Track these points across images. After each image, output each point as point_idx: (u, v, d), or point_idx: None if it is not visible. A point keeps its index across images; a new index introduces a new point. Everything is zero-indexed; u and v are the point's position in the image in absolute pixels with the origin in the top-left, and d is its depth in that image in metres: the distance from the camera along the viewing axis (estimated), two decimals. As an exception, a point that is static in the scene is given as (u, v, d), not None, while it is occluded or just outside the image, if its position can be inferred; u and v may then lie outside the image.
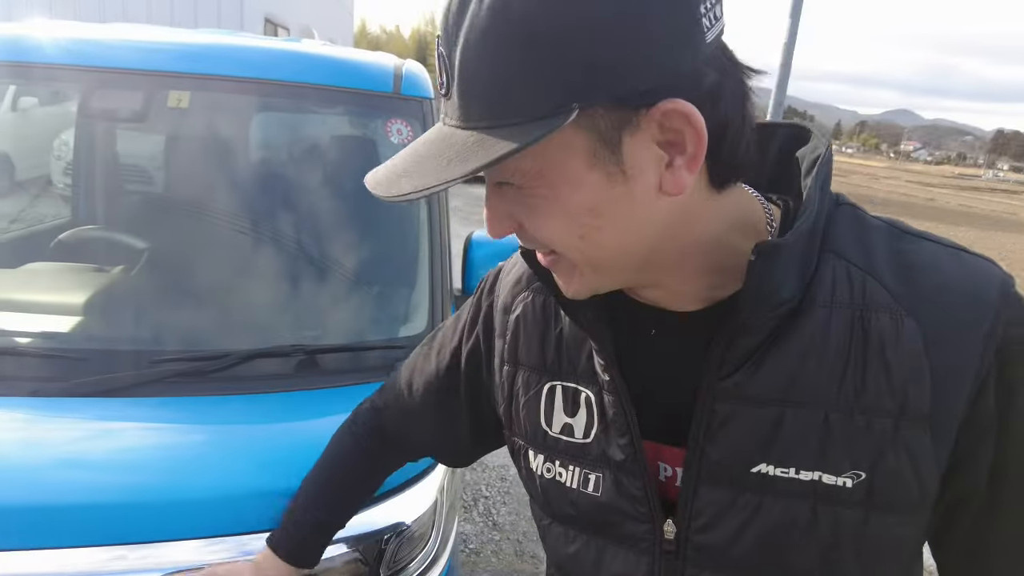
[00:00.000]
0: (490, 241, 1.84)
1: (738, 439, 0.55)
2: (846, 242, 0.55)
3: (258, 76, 1.60)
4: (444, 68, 0.49)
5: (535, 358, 0.68)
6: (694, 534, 0.58)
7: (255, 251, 1.55)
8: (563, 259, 0.55)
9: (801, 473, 0.54)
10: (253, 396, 1.22)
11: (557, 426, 0.66)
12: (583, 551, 0.66)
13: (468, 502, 3.06)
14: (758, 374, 0.54)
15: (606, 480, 0.63)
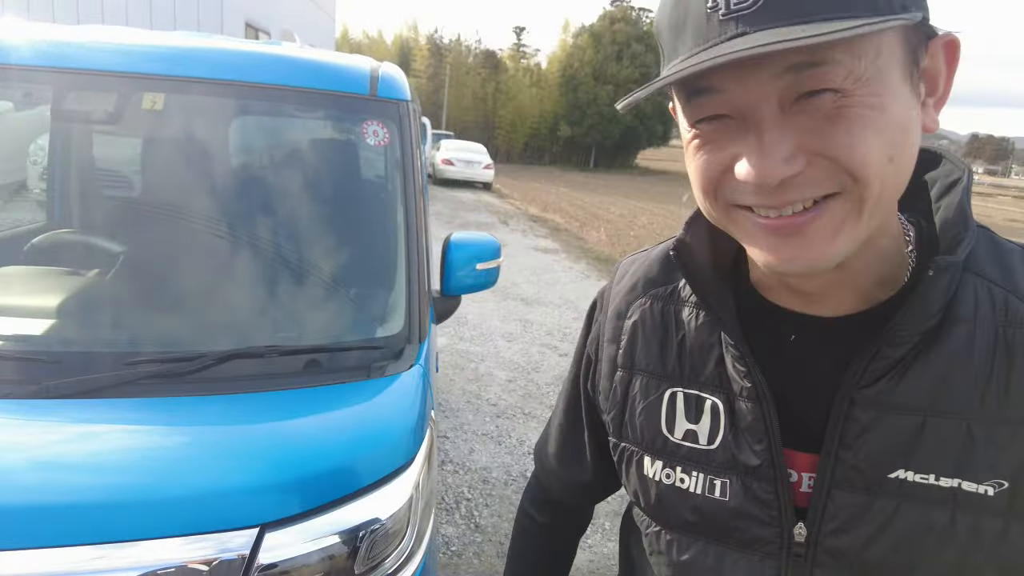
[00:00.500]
0: (468, 243, 1.85)
1: (877, 445, 0.56)
2: (986, 263, 0.57)
3: (234, 78, 1.61)
4: None
5: (654, 364, 0.68)
6: (826, 537, 0.59)
7: (231, 253, 1.55)
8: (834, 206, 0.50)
9: (941, 480, 0.55)
10: (229, 396, 1.22)
11: (679, 432, 0.66)
12: (699, 558, 0.66)
13: (450, 504, 3.06)
14: (902, 383, 0.55)
15: (734, 485, 0.63)
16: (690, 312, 0.67)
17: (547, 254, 9.87)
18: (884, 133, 0.48)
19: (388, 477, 1.13)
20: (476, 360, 4.97)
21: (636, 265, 0.75)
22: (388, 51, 39.14)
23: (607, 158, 39.61)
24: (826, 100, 0.47)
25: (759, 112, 0.49)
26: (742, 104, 0.49)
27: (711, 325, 0.65)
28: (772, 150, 0.48)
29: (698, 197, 0.58)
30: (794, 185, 0.49)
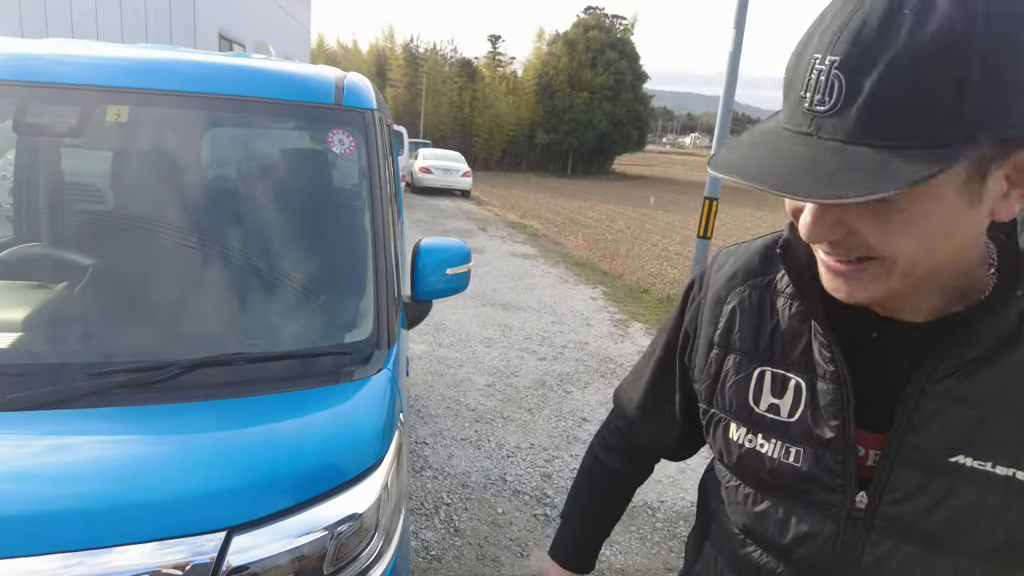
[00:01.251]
0: (438, 248, 1.88)
1: (940, 432, 0.64)
2: None
3: (199, 90, 1.62)
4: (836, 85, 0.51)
5: (748, 345, 0.77)
6: (885, 506, 0.67)
7: (199, 263, 1.56)
8: (873, 266, 0.59)
9: (997, 468, 0.62)
10: (198, 404, 1.23)
11: (764, 405, 0.76)
12: (770, 511, 0.76)
13: (429, 510, 3.07)
14: (970, 381, 0.62)
15: (807, 454, 0.72)
16: (784, 302, 0.75)
17: (526, 259, 9.91)
18: (917, 235, 0.55)
19: (356, 478, 1.15)
20: (455, 366, 4.99)
21: (737, 256, 0.83)
22: (364, 61, 39.07)
23: (584, 164, 39.85)
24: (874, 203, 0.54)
25: None
26: None
27: (802, 315, 0.73)
28: (819, 216, 0.58)
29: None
30: (837, 244, 0.59)
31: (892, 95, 0.49)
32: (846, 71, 0.51)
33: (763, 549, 0.78)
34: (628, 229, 14.63)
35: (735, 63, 6.73)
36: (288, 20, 17.38)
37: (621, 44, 38.90)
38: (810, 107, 0.54)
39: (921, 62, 0.48)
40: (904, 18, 0.49)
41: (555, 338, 5.95)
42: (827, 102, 0.52)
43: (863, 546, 0.69)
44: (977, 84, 0.48)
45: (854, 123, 0.51)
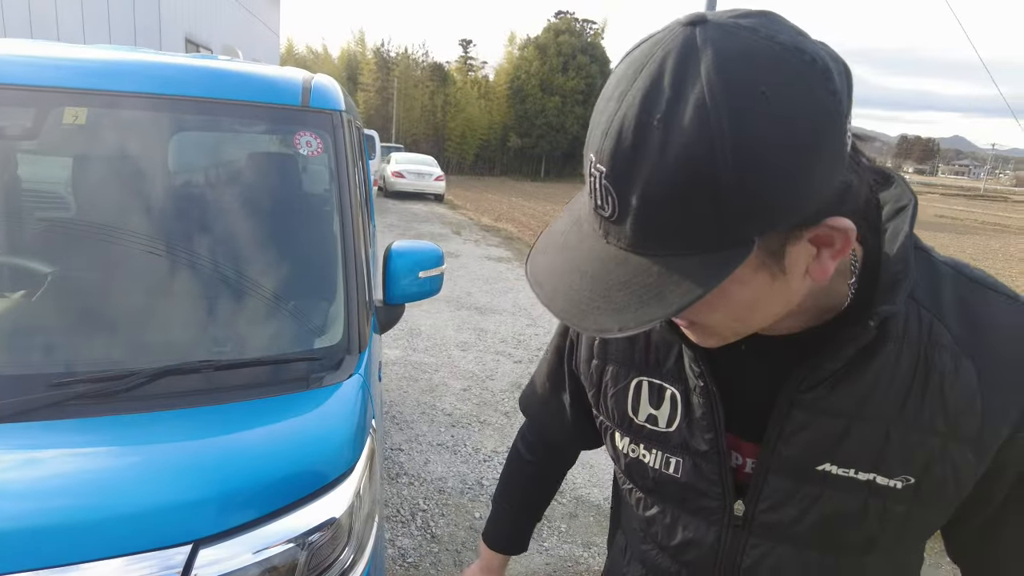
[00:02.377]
0: (410, 251, 1.86)
1: (809, 442, 0.66)
2: (919, 287, 0.64)
3: (164, 92, 1.58)
4: (609, 196, 0.51)
5: (624, 355, 0.79)
6: (760, 513, 0.71)
7: (163, 269, 1.52)
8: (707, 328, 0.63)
9: (859, 474, 0.65)
10: (164, 413, 1.20)
11: (643, 415, 0.77)
12: (659, 516, 0.80)
13: (406, 516, 3.04)
14: (834, 392, 0.64)
15: (685, 464, 0.74)
16: None
17: (500, 263, 9.90)
18: (726, 310, 0.58)
19: (327, 486, 1.12)
20: (430, 371, 4.95)
21: None
22: (335, 65, 38.77)
23: (557, 167, 40.04)
24: None
25: None
26: None
27: (672, 326, 0.72)
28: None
29: None
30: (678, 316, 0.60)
31: (655, 210, 0.49)
32: (613, 184, 0.50)
33: (658, 549, 0.82)
34: (601, 231, 14.70)
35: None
36: (257, 24, 17.17)
37: (591, 48, 39.18)
38: (596, 209, 0.53)
39: (674, 179, 0.47)
40: (654, 131, 0.47)
41: (531, 340, 5.94)
42: (607, 209, 0.52)
43: (744, 549, 0.73)
44: (731, 194, 0.46)
45: (630, 236, 0.51)
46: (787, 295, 0.58)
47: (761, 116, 0.45)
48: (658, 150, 0.47)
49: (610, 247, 0.54)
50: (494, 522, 1.12)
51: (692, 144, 0.46)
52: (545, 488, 1.11)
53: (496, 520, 1.12)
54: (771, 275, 0.54)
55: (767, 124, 0.45)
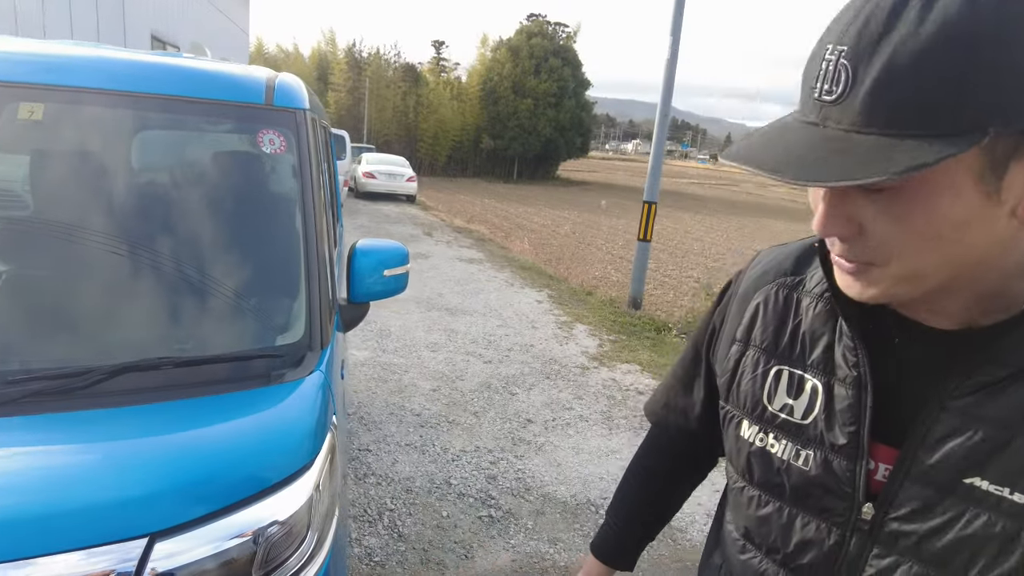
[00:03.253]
0: (374, 249, 1.87)
1: (957, 451, 0.61)
2: None
3: (125, 88, 1.57)
4: (843, 73, 0.52)
5: (768, 342, 0.77)
6: (891, 520, 0.65)
7: (123, 267, 1.51)
8: (873, 271, 0.59)
9: (1015, 495, 0.59)
10: (123, 409, 1.20)
11: (778, 404, 0.74)
12: (774, 515, 0.75)
13: (373, 516, 3.04)
14: (996, 400, 0.59)
15: (817, 458, 0.70)
16: (810, 302, 0.74)
17: (472, 264, 9.91)
18: (925, 229, 0.54)
19: (287, 480, 1.14)
20: (399, 372, 4.95)
21: (772, 256, 0.82)
22: (305, 65, 38.33)
23: (530, 170, 40.13)
24: (882, 195, 0.54)
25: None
26: None
27: (827, 315, 0.72)
28: (830, 212, 0.58)
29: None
30: (845, 243, 0.59)
31: (894, 84, 0.49)
32: (851, 60, 0.51)
33: (763, 555, 0.77)
34: (573, 233, 14.80)
35: (672, 70, 6.91)
36: (225, 22, 16.92)
37: (564, 51, 39.37)
38: (819, 97, 0.54)
39: (924, 52, 0.48)
40: (911, 8, 0.49)
41: (501, 341, 5.97)
42: (834, 91, 0.53)
43: (866, 559, 0.67)
44: (982, 75, 0.47)
45: (858, 111, 0.51)
46: (987, 233, 0.54)
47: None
48: (914, 23, 0.48)
49: (827, 130, 0.53)
50: (603, 534, 1.07)
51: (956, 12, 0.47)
52: (661, 501, 1.06)
53: (605, 532, 1.07)
54: (986, 194, 0.52)
55: None
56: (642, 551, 1.07)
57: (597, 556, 1.07)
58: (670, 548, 3.01)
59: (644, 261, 7.43)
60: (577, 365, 5.52)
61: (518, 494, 3.36)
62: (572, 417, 4.39)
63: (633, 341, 6.37)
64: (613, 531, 1.06)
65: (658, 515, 1.06)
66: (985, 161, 0.51)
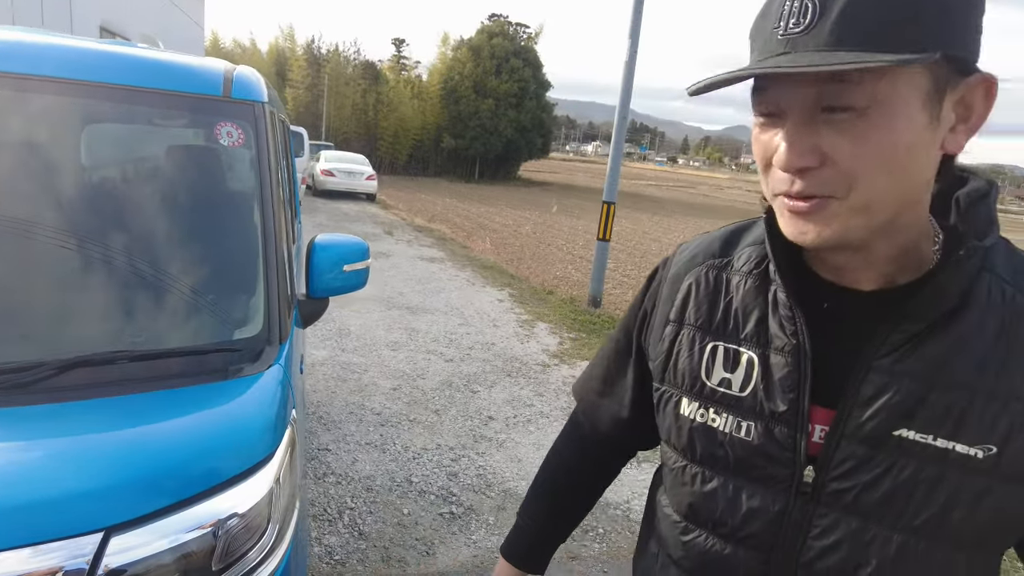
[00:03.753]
0: (334, 244, 1.87)
1: (885, 406, 0.65)
2: (1000, 263, 0.67)
3: (78, 77, 1.53)
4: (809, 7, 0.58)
5: (702, 320, 0.80)
6: (831, 481, 0.68)
7: (77, 261, 1.47)
8: (832, 204, 0.62)
9: (938, 441, 0.64)
10: (77, 403, 1.17)
11: (716, 379, 0.77)
12: (720, 490, 0.76)
13: (333, 515, 3.01)
14: (915, 355, 0.65)
15: (758, 428, 0.73)
16: (740, 279, 0.78)
17: (433, 263, 9.88)
18: (886, 150, 0.59)
19: (246, 472, 1.13)
20: (359, 371, 4.91)
21: (699, 241, 0.87)
22: (263, 60, 37.57)
23: (491, 170, 40.10)
24: (846, 115, 0.59)
25: (792, 112, 0.62)
26: (783, 104, 0.62)
27: (756, 291, 0.76)
28: (796, 143, 0.61)
29: (760, 176, 0.70)
30: (807, 178, 0.62)
31: (860, 10, 0.57)
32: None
33: (708, 532, 0.78)
34: (534, 233, 14.87)
35: (630, 72, 7.01)
36: (179, 15, 16.47)
37: (525, 52, 39.47)
38: (785, 32, 0.60)
39: None
40: None
41: (462, 340, 5.97)
42: (802, 23, 0.59)
43: (810, 520, 0.70)
44: (929, 7, 0.56)
45: (827, 35, 0.57)
46: (927, 163, 0.62)
47: None
48: None
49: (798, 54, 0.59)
50: (514, 535, 1.05)
51: None
52: (579, 499, 1.05)
53: (517, 533, 1.05)
54: (930, 120, 0.59)
55: None
56: (554, 553, 1.05)
57: (508, 559, 1.04)
58: (629, 541, 3.06)
59: (603, 260, 7.52)
60: (538, 363, 5.56)
61: (479, 490, 3.37)
62: (533, 414, 4.42)
63: (593, 339, 6.44)
64: (526, 533, 1.04)
65: (572, 514, 1.05)
66: (931, 84, 0.58)
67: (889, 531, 0.66)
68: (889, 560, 0.66)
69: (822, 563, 0.69)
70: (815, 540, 0.70)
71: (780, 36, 0.60)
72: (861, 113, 0.58)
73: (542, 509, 1.04)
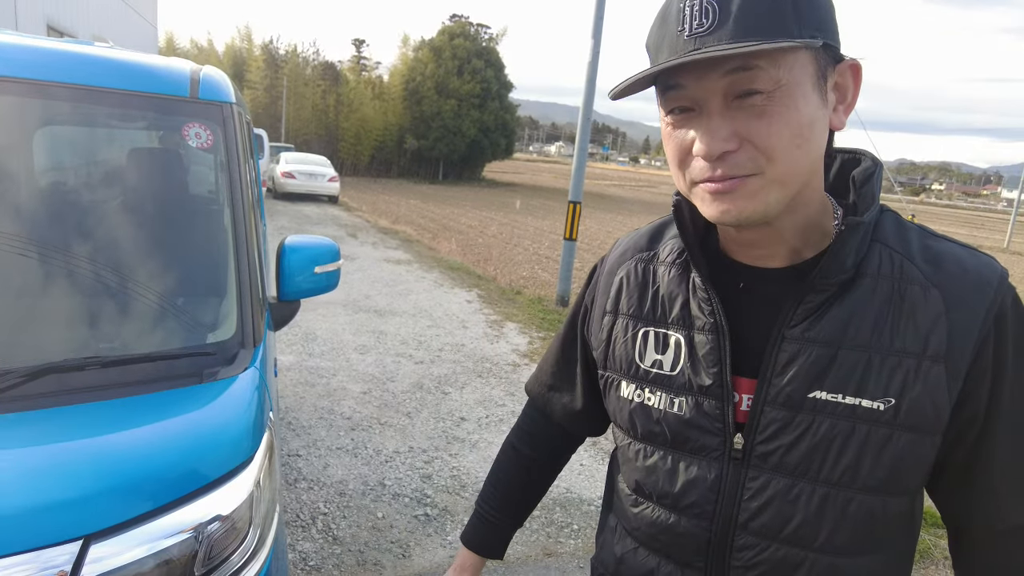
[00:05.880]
0: (304, 246, 1.85)
1: (799, 372, 0.73)
2: (889, 235, 0.75)
3: (40, 78, 1.49)
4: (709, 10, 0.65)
5: (634, 309, 0.87)
6: (758, 445, 0.75)
7: (47, 267, 1.43)
8: (752, 181, 0.68)
9: (846, 398, 0.72)
10: (49, 411, 1.14)
11: (649, 361, 0.84)
12: (660, 463, 0.83)
13: (306, 521, 2.98)
14: (820, 323, 0.72)
15: (688, 403, 0.80)
16: (665, 269, 0.86)
17: (399, 265, 9.82)
18: (793, 126, 0.66)
19: (227, 476, 1.12)
20: (327, 375, 4.85)
21: (628, 238, 0.95)
22: (220, 61, 36.78)
23: (455, 170, 39.99)
24: (756, 99, 0.66)
25: (709, 104, 0.68)
26: (699, 97, 0.68)
27: (679, 278, 0.83)
28: (716, 131, 0.67)
29: (673, 171, 0.76)
30: (728, 161, 0.68)
31: (753, 8, 0.64)
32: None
33: (654, 503, 0.84)
34: (500, 234, 14.89)
35: (593, 72, 7.08)
36: (130, 14, 16.03)
37: (487, 53, 39.47)
38: (691, 33, 0.66)
39: None
40: None
41: (432, 341, 5.95)
42: (705, 23, 0.65)
43: (743, 484, 0.76)
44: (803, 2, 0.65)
45: (732, 30, 0.64)
46: (824, 132, 0.70)
47: None
48: None
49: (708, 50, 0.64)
50: (474, 523, 1.10)
51: None
52: (533, 488, 1.10)
53: (481, 521, 1.09)
54: (821, 99, 0.68)
55: None
56: (511, 537, 1.11)
57: (469, 547, 1.09)
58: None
59: (570, 260, 7.58)
60: (508, 362, 5.57)
61: (453, 491, 3.37)
62: (505, 413, 4.44)
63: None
64: (485, 521, 1.09)
65: (527, 502, 1.11)
66: (816, 70, 0.67)
67: (812, 485, 0.73)
68: (813, 512, 0.73)
69: (756, 522, 0.76)
70: (748, 502, 0.76)
71: (687, 36, 0.66)
72: (768, 96, 0.65)
73: (499, 499, 1.09)
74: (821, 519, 0.73)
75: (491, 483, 1.10)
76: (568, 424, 1.05)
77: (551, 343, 1.06)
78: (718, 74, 0.66)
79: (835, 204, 0.78)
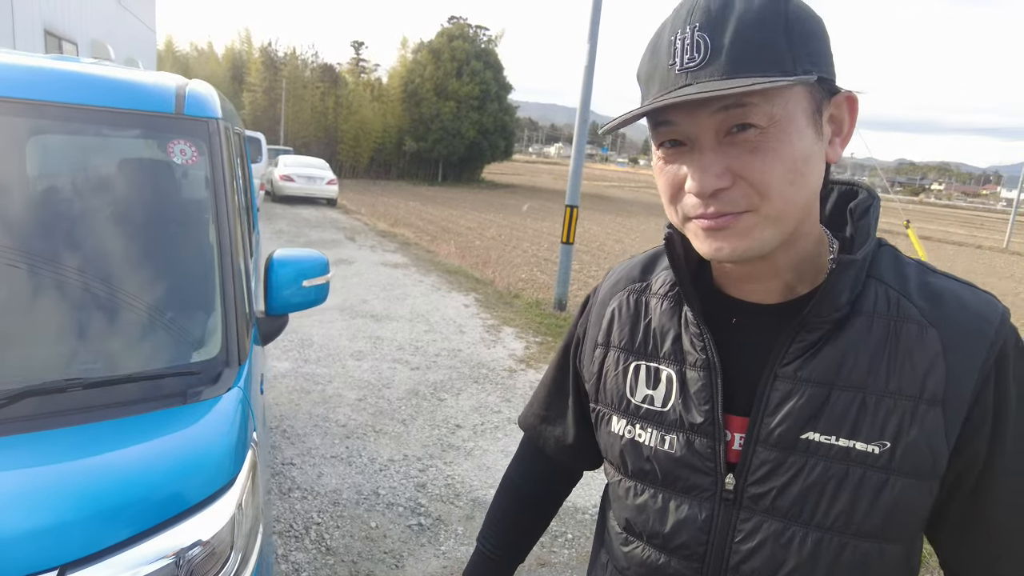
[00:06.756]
0: (292, 260, 1.85)
1: (792, 412, 0.70)
2: (886, 271, 0.73)
3: (21, 96, 1.49)
4: (702, 42, 0.64)
5: (625, 342, 0.85)
6: (749, 486, 0.73)
7: (27, 286, 1.42)
8: (746, 218, 0.66)
9: (840, 440, 0.69)
10: (27, 436, 1.14)
11: (640, 396, 0.82)
12: (650, 502, 0.80)
13: (299, 531, 2.98)
14: (814, 362, 0.70)
15: (680, 440, 0.77)
16: (657, 302, 0.84)
17: (397, 269, 9.81)
18: (787, 162, 0.65)
19: (207, 500, 1.11)
20: (323, 382, 4.85)
21: (621, 268, 0.93)
22: (219, 64, 36.79)
23: (455, 172, 39.97)
24: (750, 134, 0.64)
25: (702, 140, 0.66)
26: (691, 133, 0.66)
27: (672, 311, 0.81)
28: (709, 168, 0.66)
29: (666, 206, 0.73)
30: (721, 199, 0.66)
31: (746, 42, 0.63)
32: (707, 32, 0.63)
33: (644, 543, 0.81)
34: (499, 236, 14.88)
35: (590, 75, 7.08)
36: (129, 18, 16.03)
37: (486, 55, 39.46)
38: (682, 67, 0.65)
39: (759, 18, 0.63)
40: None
41: (428, 347, 5.94)
42: (697, 58, 0.64)
43: (734, 526, 0.74)
44: (796, 35, 0.64)
45: (724, 65, 0.63)
46: (820, 166, 0.68)
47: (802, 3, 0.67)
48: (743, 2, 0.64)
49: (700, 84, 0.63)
50: (475, 561, 1.08)
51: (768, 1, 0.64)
52: (533, 523, 1.09)
53: (478, 559, 1.08)
54: (816, 133, 0.66)
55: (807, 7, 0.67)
56: (514, 574, 1.09)
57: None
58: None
59: (568, 263, 7.58)
60: (505, 368, 5.57)
61: (448, 500, 3.37)
62: (501, 420, 4.43)
63: (559, 342, 6.48)
64: (487, 559, 1.07)
65: (530, 537, 1.09)
66: (811, 104, 0.66)
67: (805, 529, 0.71)
68: (806, 557, 0.71)
69: (748, 565, 0.73)
70: (740, 544, 0.74)
71: (678, 71, 0.65)
72: (762, 131, 0.64)
73: (500, 535, 1.07)
74: (815, 565, 0.71)
75: (491, 520, 1.08)
76: (561, 459, 1.02)
77: (543, 375, 1.04)
78: (710, 111, 0.64)
79: (831, 238, 0.76)
